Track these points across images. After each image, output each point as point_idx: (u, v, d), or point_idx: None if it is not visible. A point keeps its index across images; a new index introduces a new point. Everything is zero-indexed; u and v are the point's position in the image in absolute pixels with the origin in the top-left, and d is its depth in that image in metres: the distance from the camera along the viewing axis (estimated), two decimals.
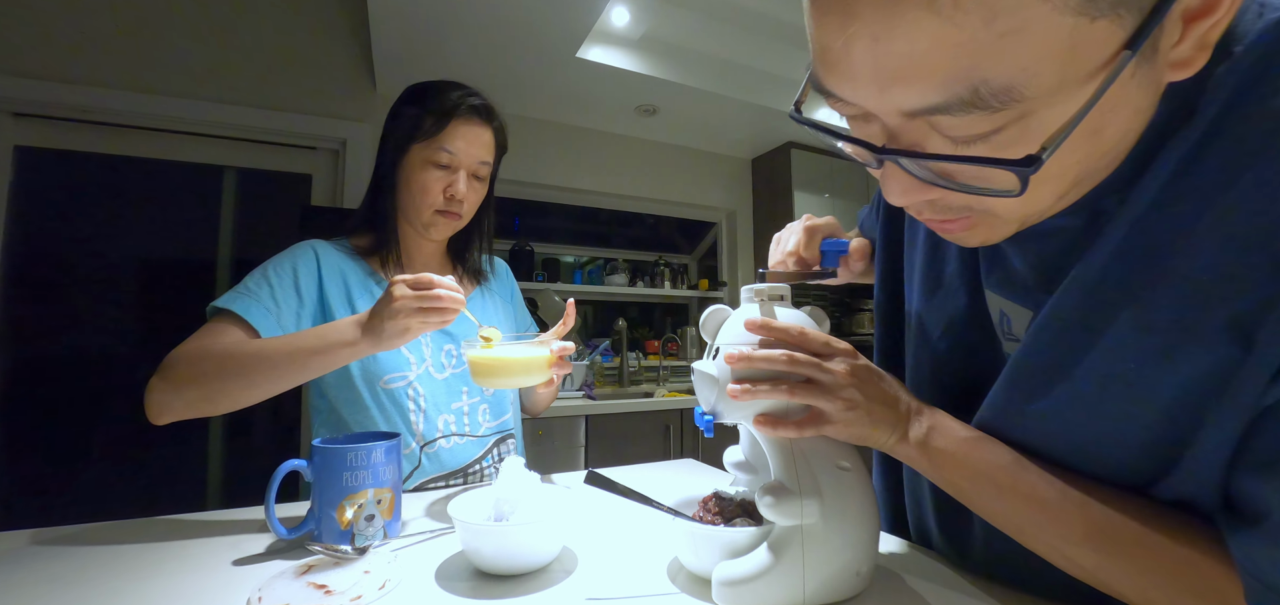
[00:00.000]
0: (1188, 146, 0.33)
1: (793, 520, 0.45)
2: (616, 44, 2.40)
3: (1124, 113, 0.32)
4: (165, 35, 2.11)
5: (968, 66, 0.27)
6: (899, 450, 0.47)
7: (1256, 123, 0.31)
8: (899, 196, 0.36)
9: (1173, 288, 0.33)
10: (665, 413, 2.50)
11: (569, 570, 0.54)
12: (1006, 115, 0.28)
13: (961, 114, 0.28)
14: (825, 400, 0.46)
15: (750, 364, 0.47)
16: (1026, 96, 0.27)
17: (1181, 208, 0.33)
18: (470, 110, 0.91)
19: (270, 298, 0.82)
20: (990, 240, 0.39)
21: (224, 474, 2.24)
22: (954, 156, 0.31)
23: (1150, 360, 0.34)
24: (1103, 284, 0.37)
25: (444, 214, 0.92)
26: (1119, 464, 0.38)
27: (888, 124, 0.32)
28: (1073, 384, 0.38)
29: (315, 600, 0.46)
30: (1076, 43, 0.26)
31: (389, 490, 0.62)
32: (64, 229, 2.11)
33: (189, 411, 0.72)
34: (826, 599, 0.46)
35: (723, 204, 3.44)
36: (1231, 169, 0.31)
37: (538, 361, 0.78)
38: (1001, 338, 0.48)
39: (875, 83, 0.30)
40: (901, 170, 0.34)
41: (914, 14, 0.26)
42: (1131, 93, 0.30)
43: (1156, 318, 0.34)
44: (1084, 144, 0.31)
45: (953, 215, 0.37)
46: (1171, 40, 0.29)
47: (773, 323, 0.48)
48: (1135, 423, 0.36)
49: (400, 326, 0.66)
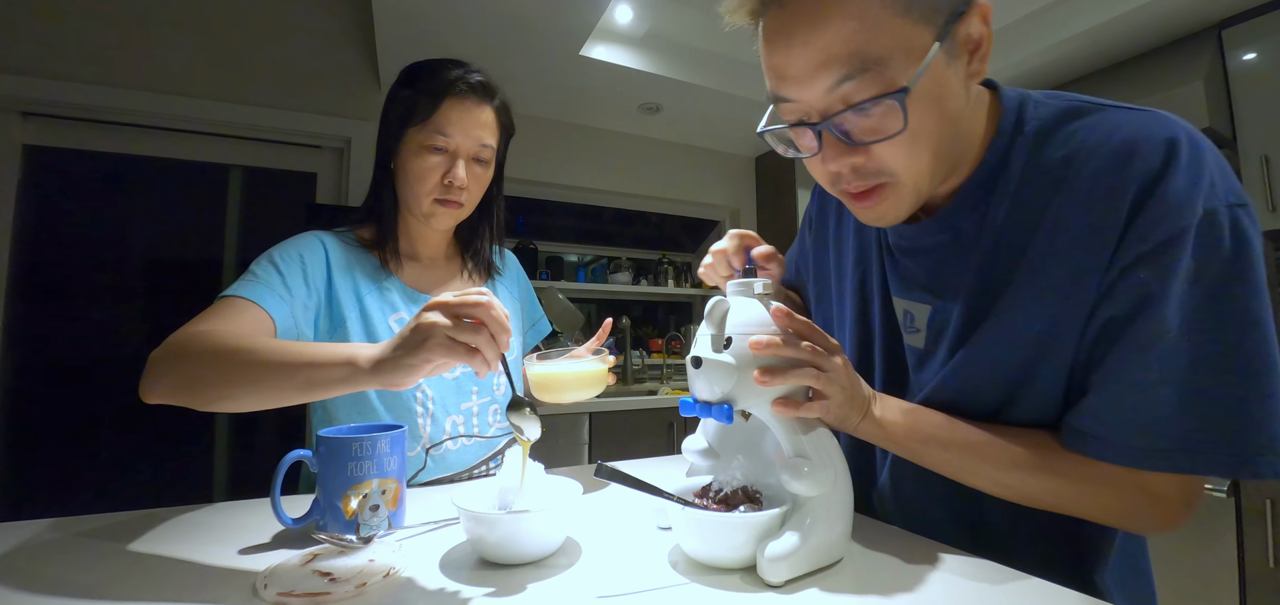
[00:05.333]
0: (1012, 185, 0.55)
1: (820, 489, 0.50)
2: (620, 42, 2.40)
3: (951, 94, 0.50)
4: (171, 35, 2.13)
5: (857, 48, 0.46)
6: (863, 428, 0.56)
7: (1044, 170, 0.53)
8: (832, 161, 0.53)
9: (1023, 280, 0.53)
10: (669, 410, 2.50)
11: (573, 559, 0.54)
12: (882, 79, 0.47)
13: (858, 78, 0.47)
14: (828, 385, 0.51)
15: (778, 352, 0.50)
16: (890, 65, 0.46)
17: (1017, 227, 0.54)
18: (466, 89, 0.85)
19: (282, 285, 0.78)
20: (897, 212, 0.54)
21: (230, 470, 2.25)
22: (858, 104, 0.48)
23: (1011, 327, 0.53)
24: (980, 281, 0.56)
25: (444, 202, 0.87)
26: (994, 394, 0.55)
27: (818, 107, 0.50)
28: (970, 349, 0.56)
29: (320, 588, 0.46)
30: (909, 34, 0.46)
31: (394, 480, 0.62)
32: (71, 227, 2.12)
33: (174, 396, 0.65)
34: (839, 555, 0.53)
35: (726, 202, 3.44)
36: (1039, 201, 0.53)
37: (597, 375, 0.80)
38: (904, 332, 0.65)
39: (808, 73, 0.48)
40: (833, 138, 0.51)
41: (825, 24, 0.46)
42: (950, 79, 0.49)
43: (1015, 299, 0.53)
44: (933, 109, 0.49)
45: (868, 182, 0.52)
46: (964, 60, 0.50)
47: (796, 315, 0.53)
48: (1004, 365, 0.54)
49: (422, 360, 0.55)
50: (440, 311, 0.55)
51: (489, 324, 0.55)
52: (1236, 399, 0.45)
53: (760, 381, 0.49)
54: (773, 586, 0.47)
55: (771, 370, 0.50)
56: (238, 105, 2.20)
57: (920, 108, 0.48)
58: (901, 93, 0.46)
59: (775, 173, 3.34)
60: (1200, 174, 0.46)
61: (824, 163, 0.54)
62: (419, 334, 0.55)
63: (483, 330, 0.55)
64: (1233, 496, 1.61)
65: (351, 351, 0.60)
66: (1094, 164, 0.50)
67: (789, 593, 0.47)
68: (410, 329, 0.56)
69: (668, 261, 3.36)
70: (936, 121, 0.50)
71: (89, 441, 2.08)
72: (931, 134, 0.50)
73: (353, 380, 0.59)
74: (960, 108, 0.52)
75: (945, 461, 0.56)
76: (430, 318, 0.55)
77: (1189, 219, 0.45)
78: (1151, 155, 0.48)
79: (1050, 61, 2.33)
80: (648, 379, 3.05)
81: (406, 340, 0.56)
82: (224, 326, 0.70)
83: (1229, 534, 1.62)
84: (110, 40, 2.04)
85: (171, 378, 0.65)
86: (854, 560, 0.54)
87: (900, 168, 0.51)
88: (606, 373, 0.82)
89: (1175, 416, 0.46)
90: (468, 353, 0.55)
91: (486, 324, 0.55)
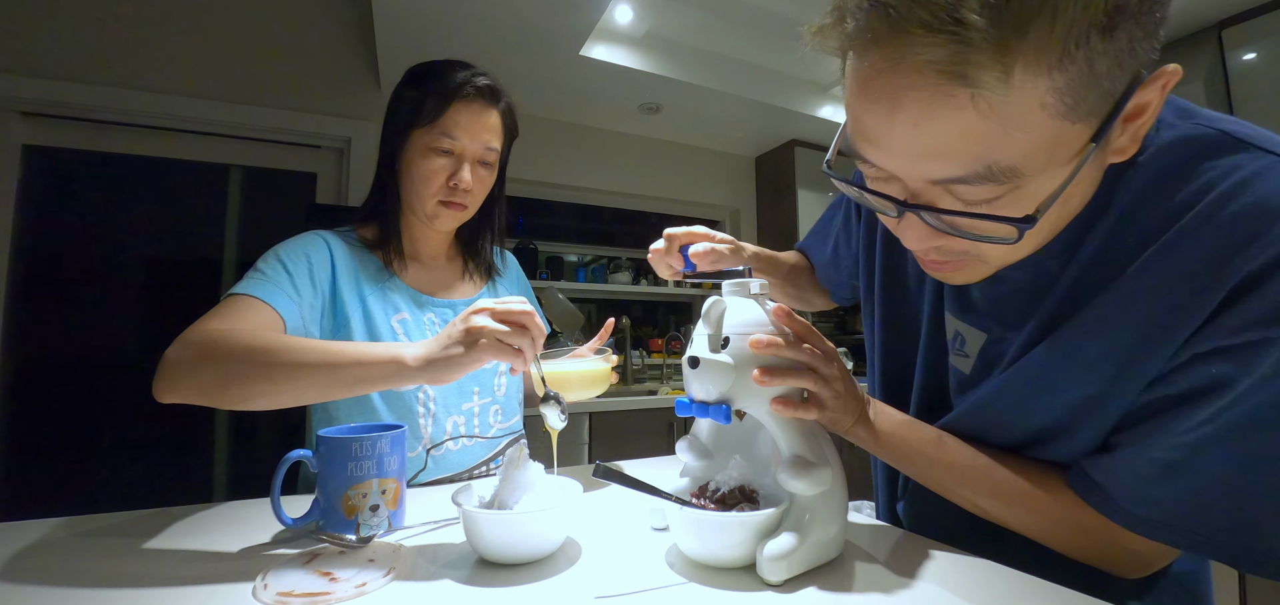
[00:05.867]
0: (1108, 228, 0.47)
1: (819, 488, 0.50)
2: (620, 42, 2.40)
3: (1084, 185, 0.44)
4: (171, 35, 2.13)
5: (985, 151, 0.36)
6: (854, 432, 0.57)
7: (1149, 216, 0.44)
8: (916, 242, 0.46)
9: (1088, 338, 0.47)
10: (668, 410, 2.50)
11: (573, 559, 0.54)
12: (1008, 186, 0.38)
13: (976, 185, 0.38)
14: (823, 388, 0.52)
15: (778, 352, 0.50)
16: (1024, 175, 0.37)
17: (1102, 274, 0.47)
18: (473, 92, 0.85)
19: (291, 285, 0.77)
20: (972, 280, 0.51)
21: (230, 470, 2.25)
22: (965, 213, 0.40)
23: (1061, 382, 0.49)
24: (1045, 327, 0.51)
25: (448, 204, 0.87)
26: (1023, 435, 0.53)
27: (910, 186, 0.42)
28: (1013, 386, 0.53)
29: (320, 588, 0.46)
30: (1061, 138, 0.37)
31: (394, 480, 0.62)
32: (71, 227, 2.12)
33: (199, 396, 0.65)
34: (836, 554, 0.53)
35: (727, 202, 3.44)
36: (1132, 251, 0.45)
37: (601, 373, 0.81)
38: (950, 352, 0.62)
39: (908, 157, 0.39)
40: (920, 221, 0.44)
41: (947, 112, 0.36)
42: (1090, 171, 0.43)
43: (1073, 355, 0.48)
44: (1058, 208, 0.42)
45: (951, 259, 0.48)
46: (1116, 135, 0.40)
47: (796, 317, 0.53)
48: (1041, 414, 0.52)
49: (472, 359, 0.59)
50: (489, 315, 0.60)
51: (531, 328, 0.61)
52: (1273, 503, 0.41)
53: (759, 381, 0.50)
54: (771, 585, 0.48)
55: (770, 370, 0.50)
56: (238, 105, 2.20)
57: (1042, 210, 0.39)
58: (1028, 223, 0.38)
59: (776, 173, 3.34)
60: None
61: (900, 232, 0.47)
62: (471, 335, 0.59)
63: (525, 333, 0.61)
64: None
65: (396, 350, 0.63)
66: (1210, 226, 0.41)
67: (787, 592, 0.47)
68: (461, 331, 0.60)
69: None
70: (1057, 217, 0.44)
71: (89, 441, 2.09)
72: (1043, 233, 0.45)
73: (399, 377, 0.62)
74: (1090, 193, 0.46)
75: (930, 477, 0.57)
76: (480, 321, 0.60)
77: None
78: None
79: None
80: (647, 379, 3.05)
81: (456, 340, 0.60)
82: (243, 325, 0.70)
83: None
84: (110, 40, 2.04)
85: (198, 377, 0.65)
86: (851, 559, 0.54)
87: (994, 257, 0.46)
88: (609, 371, 0.82)
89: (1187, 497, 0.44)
90: (513, 353, 0.60)
91: (530, 328, 0.61)
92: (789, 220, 3.17)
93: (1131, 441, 0.47)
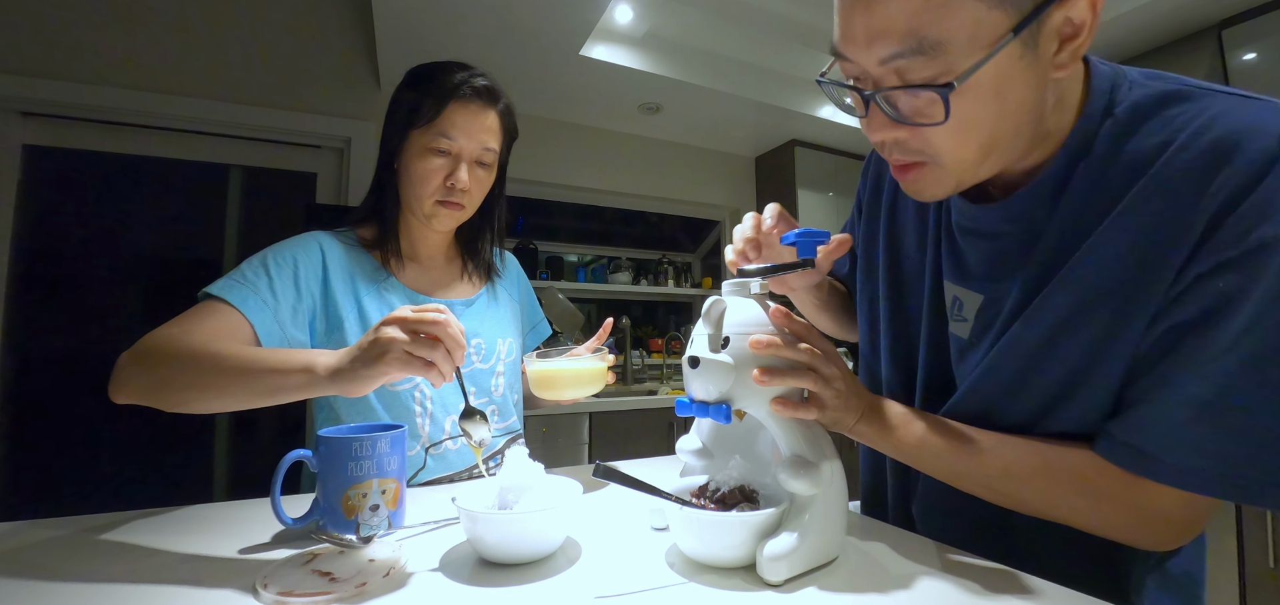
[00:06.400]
0: (1090, 175, 0.50)
1: (817, 488, 0.50)
2: (620, 42, 2.41)
3: (1018, 88, 0.45)
4: (171, 35, 2.13)
5: (918, 25, 0.43)
6: (859, 430, 0.56)
7: (1131, 159, 0.48)
8: (878, 132, 0.51)
9: (1084, 275, 0.49)
10: (668, 410, 2.50)
11: (573, 559, 0.54)
12: (938, 64, 0.43)
13: (910, 58, 0.44)
14: (824, 388, 0.52)
15: (778, 352, 0.50)
16: (949, 50, 0.43)
17: (1090, 219, 0.49)
18: (471, 93, 0.85)
19: (268, 290, 0.78)
20: (935, 192, 0.52)
21: (230, 470, 2.25)
22: (905, 85, 0.45)
23: (1062, 325, 0.50)
24: (1040, 274, 0.52)
25: (446, 204, 0.87)
26: (1034, 398, 0.53)
27: (871, 75, 0.47)
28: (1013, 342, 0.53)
29: (320, 588, 0.46)
30: (980, 19, 0.42)
31: (394, 480, 0.62)
32: (71, 227, 2.12)
33: (141, 397, 0.67)
34: (836, 554, 0.53)
35: (726, 202, 3.44)
36: (1119, 192, 0.48)
37: (597, 372, 0.81)
38: (950, 320, 0.62)
39: (865, 39, 0.46)
40: (879, 109, 0.48)
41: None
42: (1021, 72, 0.45)
43: (1071, 296, 0.49)
44: (990, 103, 0.45)
45: (911, 158, 0.51)
46: (1051, 50, 0.45)
47: (794, 317, 0.53)
48: (1047, 366, 0.51)
49: (378, 372, 0.58)
50: (398, 326, 0.58)
51: (444, 340, 0.58)
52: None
53: (759, 381, 0.50)
54: (771, 585, 0.48)
55: (770, 370, 0.50)
56: (238, 105, 2.20)
57: (971, 101, 0.44)
58: (946, 88, 0.43)
59: (776, 173, 3.34)
60: None
61: (869, 130, 0.52)
62: (377, 347, 0.57)
63: (438, 346, 0.58)
64: None
65: (310, 359, 0.62)
66: (1187, 156, 0.45)
67: (787, 592, 0.47)
68: (368, 341, 0.58)
69: (668, 261, 3.37)
70: (991, 116, 0.46)
71: (89, 441, 2.09)
72: (982, 127, 0.47)
73: (311, 386, 0.62)
74: (1030, 100, 0.47)
75: (939, 466, 0.55)
76: (388, 332, 0.58)
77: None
78: (1257, 150, 0.42)
79: None
80: (647, 379, 3.06)
81: (364, 352, 0.59)
82: (195, 330, 0.71)
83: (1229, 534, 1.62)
84: (110, 40, 2.05)
85: (139, 380, 0.67)
86: (850, 558, 0.54)
87: (944, 153, 0.48)
88: (606, 371, 0.82)
89: (1232, 440, 0.42)
90: (423, 366, 0.57)
91: (443, 340, 0.58)
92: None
93: (1156, 388, 0.46)
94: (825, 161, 3.26)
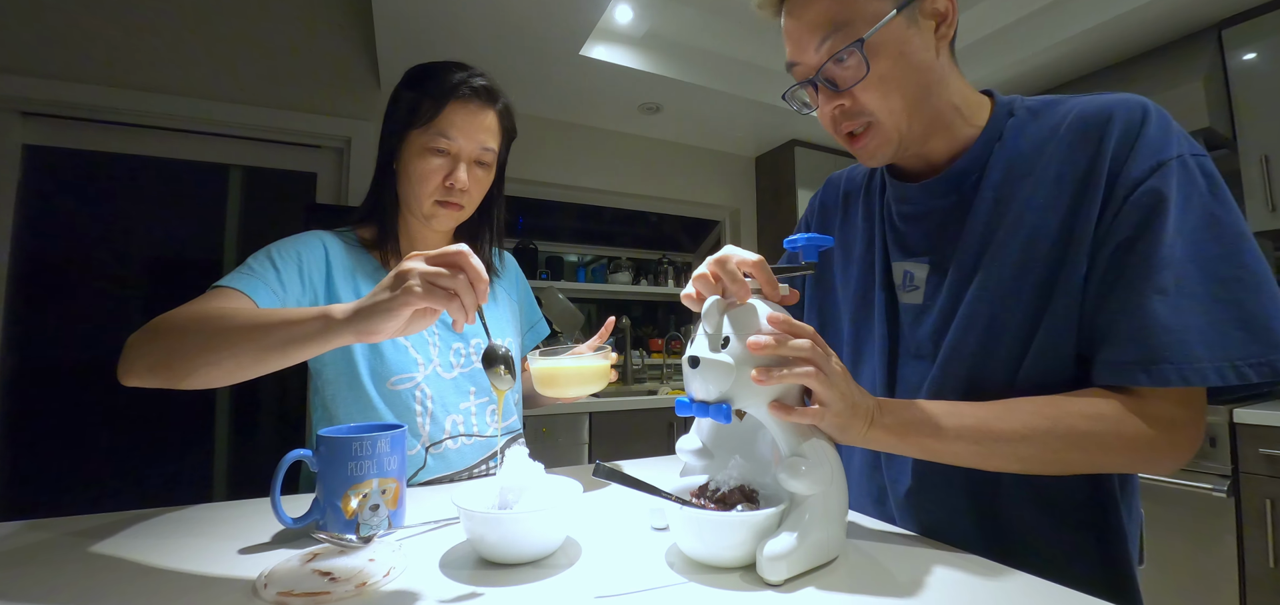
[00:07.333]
0: (1004, 155, 0.63)
1: (817, 487, 0.50)
2: (620, 42, 2.41)
3: (915, 49, 0.60)
4: (171, 35, 2.13)
5: (834, 17, 0.59)
6: (870, 436, 0.55)
7: (1036, 136, 0.62)
8: (825, 104, 0.64)
9: (1019, 237, 0.59)
10: (668, 410, 2.50)
11: (573, 559, 0.54)
12: (849, 36, 0.58)
13: (832, 37, 0.59)
14: (826, 388, 0.51)
15: (777, 352, 0.50)
16: (856, 26, 0.58)
17: (1013, 183, 0.61)
18: (469, 92, 0.85)
19: (277, 280, 0.78)
20: (884, 150, 0.64)
21: (230, 470, 2.25)
22: (835, 58, 0.60)
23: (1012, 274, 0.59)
24: (982, 239, 0.62)
25: (445, 204, 0.87)
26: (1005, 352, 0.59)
27: (813, 64, 0.62)
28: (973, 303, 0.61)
29: (320, 588, 0.46)
30: (877, 9, 0.58)
31: (394, 480, 0.62)
32: (72, 227, 2.12)
33: (150, 374, 0.65)
34: (836, 553, 0.53)
35: (726, 202, 3.44)
36: (1033, 158, 0.61)
37: (600, 370, 0.81)
38: (901, 292, 0.70)
39: (803, 39, 0.62)
40: (825, 88, 0.63)
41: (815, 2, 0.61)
42: (913, 37, 0.60)
43: (1014, 246, 0.59)
44: (898, 61, 0.59)
45: (854, 122, 0.63)
46: (931, 28, 0.61)
47: (791, 320, 0.53)
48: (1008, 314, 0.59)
49: (399, 305, 0.55)
50: (419, 259, 0.57)
51: (466, 270, 0.56)
52: (1251, 295, 0.49)
53: (759, 380, 0.50)
54: (771, 585, 0.48)
55: (770, 369, 0.50)
56: (238, 105, 2.20)
57: (883, 57, 0.59)
58: (858, 42, 0.58)
59: (775, 173, 3.34)
60: (1169, 128, 0.55)
61: (820, 109, 0.65)
62: (398, 278, 0.56)
63: (460, 274, 0.56)
64: (1232, 497, 1.61)
65: (325, 308, 0.60)
66: (1078, 124, 0.59)
67: (787, 591, 0.47)
68: (391, 275, 0.57)
69: (668, 261, 3.37)
70: (900, 70, 0.60)
71: (89, 441, 2.08)
72: (897, 79, 0.60)
73: (326, 333, 0.59)
74: (928, 60, 0.61)
75: (960, 449, 0.55)
76: (409, 263, 0.56)
77: (1170, 155, 0.53)
78: (1128, 114, 0.56)
79: (1050, 61, 2.33)
80: (647, 379, 3.06)
81: (385, 286, 0.56)
82: (204, 306, 0.70)
83: (1229, 534, 1.62)
84: (110, 40, 2.04)
85: (149, 354, 0.65)
86: (850, 558, 0.54)
87: (875, 108, 0.61)
88: (608, 368, 0.83)
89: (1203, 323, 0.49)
90: (446, 296, 0.55)
91: (464, 269, 0.56)
92: (789, 220, 3.17)
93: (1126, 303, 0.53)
94: (825, 161, 3.26)
